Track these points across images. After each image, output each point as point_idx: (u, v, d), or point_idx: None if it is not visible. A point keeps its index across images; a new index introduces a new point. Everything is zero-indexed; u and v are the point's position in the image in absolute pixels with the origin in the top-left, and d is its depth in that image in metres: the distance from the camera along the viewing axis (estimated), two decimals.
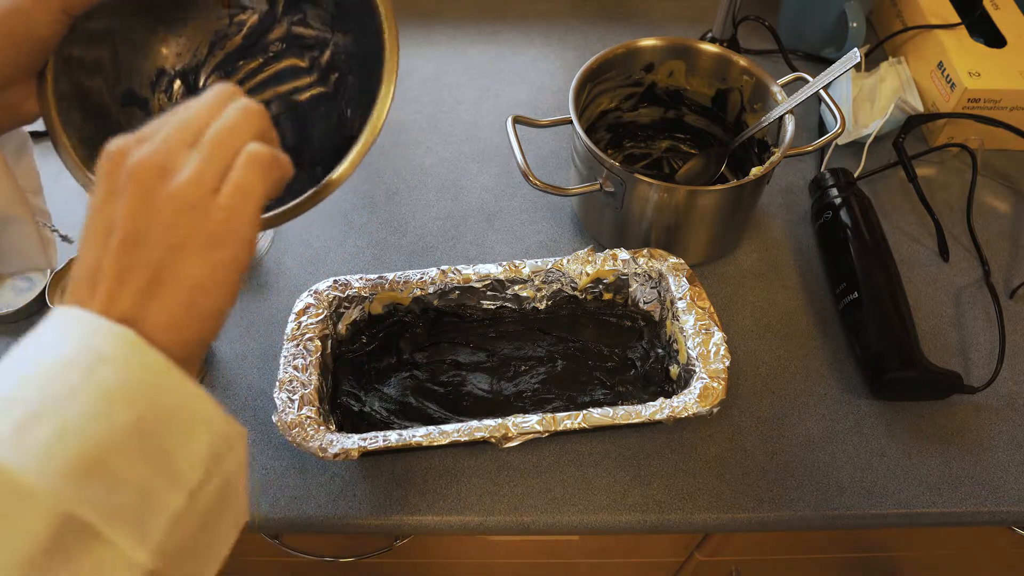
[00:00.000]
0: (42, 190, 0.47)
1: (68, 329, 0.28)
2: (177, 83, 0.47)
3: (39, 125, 0.41)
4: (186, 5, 0.47)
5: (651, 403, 0.55)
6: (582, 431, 0.55)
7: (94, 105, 0.43)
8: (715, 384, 0.55)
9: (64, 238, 0.68)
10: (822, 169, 0.76)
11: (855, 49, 0.61)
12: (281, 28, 0.48)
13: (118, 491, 0.25)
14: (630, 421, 0.54)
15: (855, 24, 0.84)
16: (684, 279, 0.61)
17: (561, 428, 0.54)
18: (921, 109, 0.80)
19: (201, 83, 0.48)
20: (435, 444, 0.53)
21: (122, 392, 0.26)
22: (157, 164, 0.29)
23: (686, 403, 0.55)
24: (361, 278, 0.62)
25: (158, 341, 0.28)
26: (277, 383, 0.55)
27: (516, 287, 0.63)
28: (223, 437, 0.29)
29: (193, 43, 0.48)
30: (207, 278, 0.29)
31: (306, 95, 0.49)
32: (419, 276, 0.62)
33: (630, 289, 0.64)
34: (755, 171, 0.63)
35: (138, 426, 0.26)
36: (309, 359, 0.56)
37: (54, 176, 0.54)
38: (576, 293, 0.64)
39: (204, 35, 0.48)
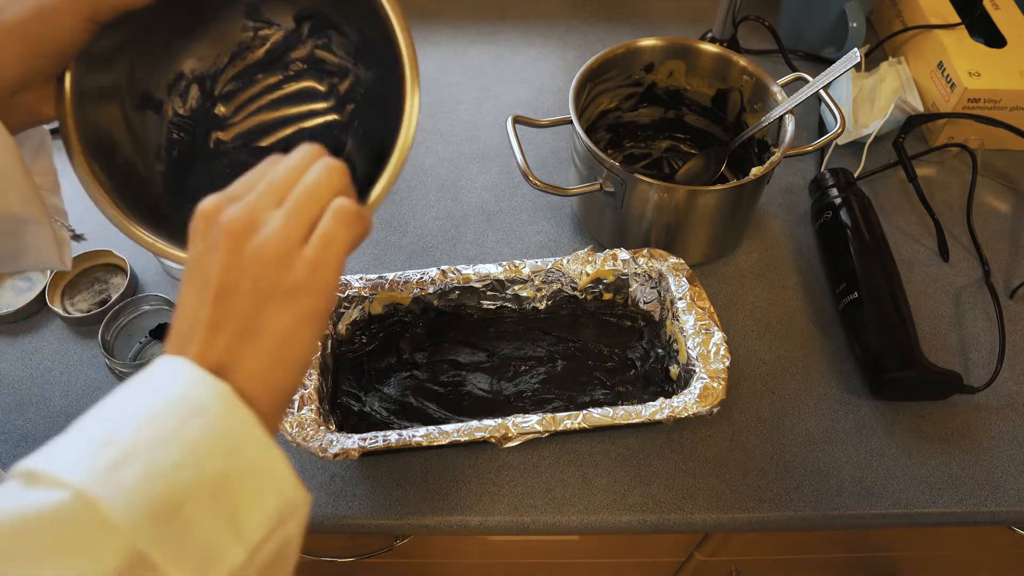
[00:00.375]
0: (59, 188, 0.47)
1: (169, 376, 0.29)
2: (194, 88, 0.48)
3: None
4: (210, 15, 0.47)
5: (651, 403, 0.55)
6: (582, 431, 0.55)
7: (109, 108, 0.43)
8: (715, 384, 0.55)
9: (77, 237, 0.68)
10: (822, 169, 0.76)
11: (855, 49, 0.61)
12: (304, 49, 0.49)
13: (189, 538, 0.26)
14: (630, 421, 0.54)
15: (855, 24, 0.84)
16: (684, 279, 0.61)
17: (561, 428, 0.54)
18: (921, 109, 0.80)
19: (218, 91, 0.48)
20: (435, 444, 0.53)
21: (210, 444, 0.28)
22: (247, 220, 0.31)
23: (686, 403, 0.55)
24: (361, 278, 0.62)
25: (248, 390, 0.30)
26: None
27: (516, 287, 0.63)
28: (290, 501, 0.30)
29: (214, 51, 0.48)
30: (292, 327, 0.31)
31: (319, 120, 0.49)
32: (419, 276, 0.62)
33: (630, 289, 0.64)
34: (755, 171, 0.63)
35: (219, 479, 0.27)
36: None
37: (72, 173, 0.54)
38: (576, 293, 0.64)
39: (226, 44, 0.48)
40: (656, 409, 0.55)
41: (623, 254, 0.63)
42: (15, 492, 0.26)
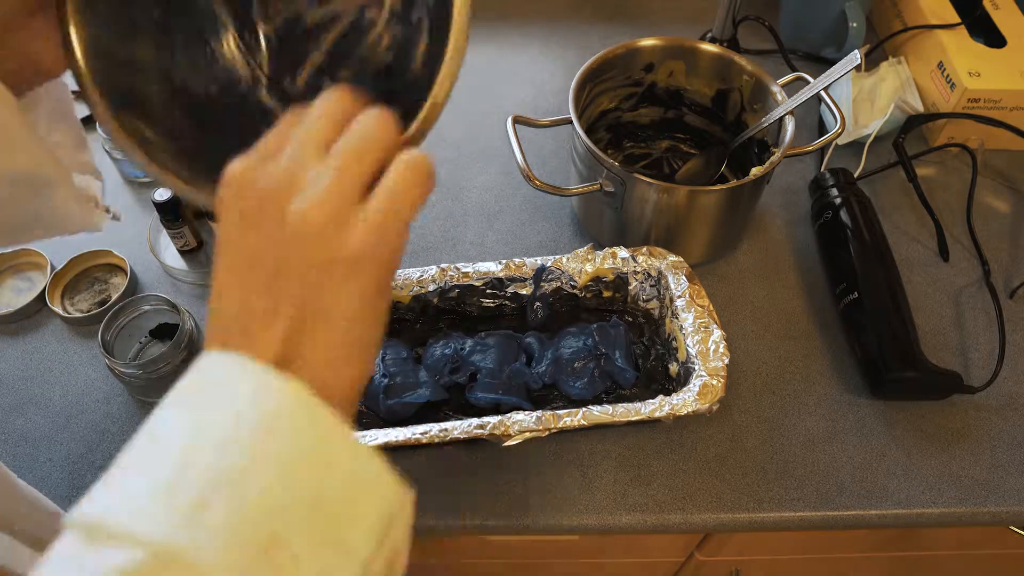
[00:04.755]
0: (86, 143, 0.42)
1: (230, 382, 0.25)
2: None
3: None
4: None
5: (650, 400, 0.55)
6: (582, 429, 0.55)
7: (128, 27, 0.36)
8: (714, 382, 0.55)
9: (111, 214, 0.58)
10: (822, 169, 0.76)
11: (856, 51, 0.61)
12: None
13: (294, 571, 0.22)
14: (629, 419, 0.54)
15: (855, 24, 0.84)
16: (683, 277, 0.61)
17: (560, 426, 0.54)
18: (921, 109, 0.80)
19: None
20: (435, 442, 0.53)
21: (299, 460, 0.23)
22: (287, 178, 0.26)
23: (685, 400, 0.55)
24: None
25: (319, 385, 0.25)
26: None
27: (515, 285, 0.63)
28: (392, 504, 0.26)
29: None
30: (359, 305, 0.26)
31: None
32: (419, 274, 0.62)
33: (629, 287, 0.64)
34: (755, 171, 0.63)
35: (313, 498, 0.23)
36: None
37: None
38: (576, 291, 0.64)
39: None
40: (655, 407, 0.55)
41: (622, 252, 0.63)
42: (78, 553, 0.22)
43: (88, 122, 0.75)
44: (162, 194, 0.67)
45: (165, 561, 0.21)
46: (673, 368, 0.60)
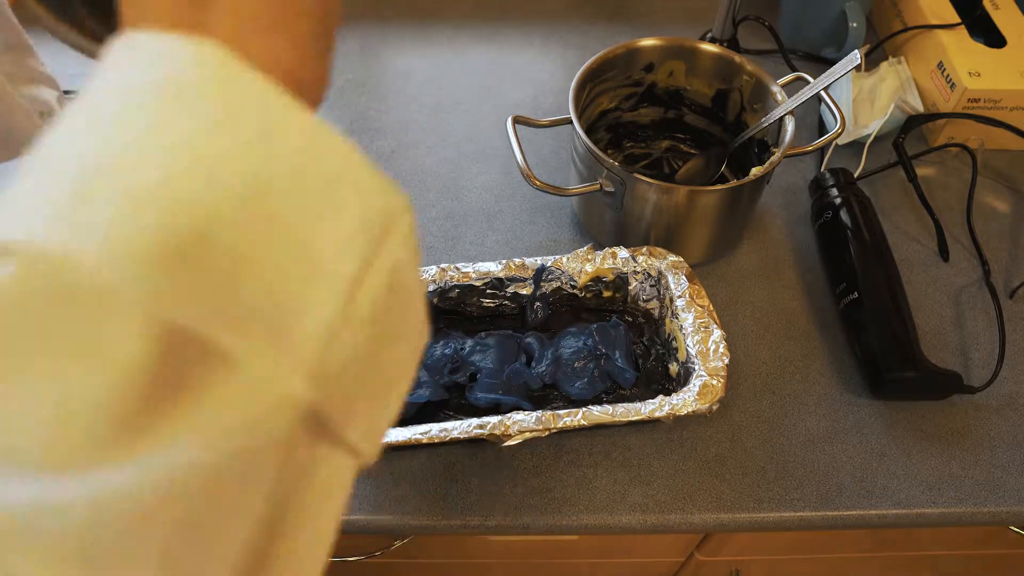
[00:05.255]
0: (31, 49, 0.36)
1: (134, 58, 0.18)
2: None
3: None
4: None
5: (650, 400, 0.55)
6: (582, 429, 0.55)
7: None
8: (714, 382, 0.55)
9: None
10: (822, 169, 0.76)
11: (856, 51, 0.61)
12: None
13: (237, 286, 0.17)
14: (629, 419, 0.54)
15: (855, 24, 0.84)
16: (683, 277, 0.61)
17: (560, 426, 0.54)
18: (921, 109, 0.80)
19: None
20: (435, 442, 0.53)
21: (221, 139, 0.17)
22: None
23: (685, 400, 0.55)
24: None
25: (252, 49, 0.19)
26: None
27: (515, 285, 0.63)
28: (381, 208, 0.19)
29: None
30: None
31: None
32: None
33: (629, 287, 0.64)
34: (755, 171, 0.63)
35: (252, 189, 0.17)
36: None
37: None
38: (576, 291, 0.64)
39: None
40: (655, 407, 0.55)
41: (622, 252, 0.63)
42: None
43: None
44: None
45: (45, 269, 0.16)
46: (673, 368, 0.60)
